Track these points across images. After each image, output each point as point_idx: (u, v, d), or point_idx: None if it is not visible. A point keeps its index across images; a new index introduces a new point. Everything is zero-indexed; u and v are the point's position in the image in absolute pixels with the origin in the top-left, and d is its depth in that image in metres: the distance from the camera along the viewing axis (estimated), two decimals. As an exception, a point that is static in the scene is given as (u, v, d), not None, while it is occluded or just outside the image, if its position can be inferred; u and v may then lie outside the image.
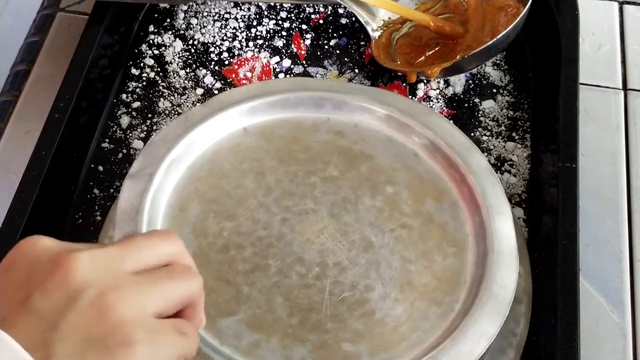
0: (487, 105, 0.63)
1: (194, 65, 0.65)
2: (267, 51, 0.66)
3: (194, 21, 0.68)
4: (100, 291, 0.33)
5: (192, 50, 0.66)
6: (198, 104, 0.59)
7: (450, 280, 0.48)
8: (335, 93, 0.55)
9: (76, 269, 0.33)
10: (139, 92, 0.64)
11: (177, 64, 0.65)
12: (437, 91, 0.63)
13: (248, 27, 0.67)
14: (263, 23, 0.67)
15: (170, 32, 0.67)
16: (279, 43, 0.66)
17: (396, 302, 0.47)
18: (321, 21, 0.68)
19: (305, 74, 0.64)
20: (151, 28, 0.67)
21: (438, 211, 0.51)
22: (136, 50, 0.66)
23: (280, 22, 0.67)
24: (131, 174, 0.51)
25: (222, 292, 0.48)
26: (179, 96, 0.63)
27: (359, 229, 0.50)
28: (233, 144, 0.54)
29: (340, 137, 0.55)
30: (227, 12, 0.68)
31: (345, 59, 0.66)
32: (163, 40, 0.67)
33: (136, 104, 0.63)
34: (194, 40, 0.67)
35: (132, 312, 0.33)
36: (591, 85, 0.65)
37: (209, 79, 0.64)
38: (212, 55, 0.66)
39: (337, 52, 0.66)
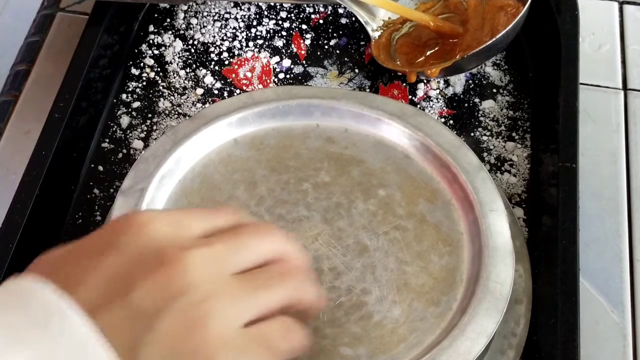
0: (487, 105, 0.63)
1: (194, 65, 0.65)
2: (267, 51, 0.66)
3: (194, 21, 0.68)
4: (200, 299, 0.33)
5: (192, 50, 0.66)
6: (185, 119, 0.59)
7: (446, 280, 0.48)
8: (324, 99, 0.55)
9: (184, 271, 0.33)
10: (139, 92, 0.64)
11: (177, 64, 0.65)
12: (437, 91, 0.63)
13: (248, 27, 0.67)
14: (263, 23, 0.67)
15: (170, 32, 0.67)
16: (279, 43, 0.66)
17: (393, 304, 0.47)
18: (321, 21, 0.68)
19: (305, 74, 0.64)
20: (151, 28, 0.67)
21: (431, 211, 0.51)
22: (136, 50, 0.66)
23: (280, 22, 0.68)
24: (122, 191, 0.51)
25: None
26: (179, 96, 0.63)
27: (353, 234, 0.50)
28: (223, 155, 0.54)
29: (330, 143, 0.55)
30: (227, 12, 0.68)
31: (345, 59, 0.66)
32: (163, 40, 0.67)
33: (136, 104, 0.63)
34: (194, 40, 0.67)
35: (222, 328, 0.33)
36: (591, 85, 0.65)
37: (209, 79, 0.64)
38: (212, 55, 0.66)
39: (337, 52, 0.66)
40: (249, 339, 0.34)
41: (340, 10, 0.68)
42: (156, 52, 0.66)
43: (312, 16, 0.68)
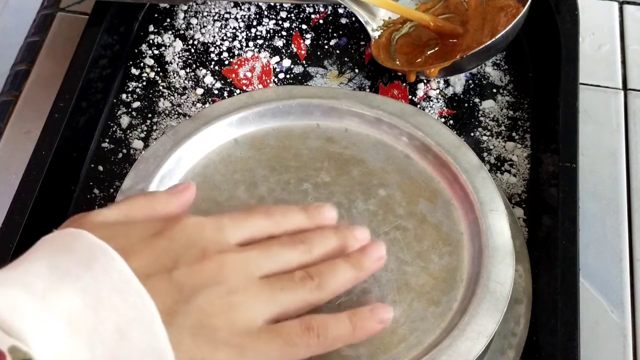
0: (487, 105, 0.63)
1: (194, 65, 0.65)
2: (267, 51, 0.66)
3: (194, 21, 0.68)
4: (231, 290, 0.39)
5: (192, 50, 0.66)
6: (185, 119, 0.59)
7: (447, 280, 0.48)
8: (324, 99, 0.55)
9: (220, 267, 0.39)
10: (139, 92, 0.64)
11: (177, 64, 0.65)
12: (437, 91, 0.63)
13: (248, 27, 0.67)
14: (263, 23, 0.67)
15: (170, 32, 0.67)
16: (279, 43, 0.66)
17: (394, 304, 0.47)
18: (321, 21, 0.68)
19: (305, 73, 0.65)
20: (151, 28, 0.67)
21: (432, 211, 0.51)
22: (136, 50, 0.66)
23: (280, 22, 0.68)
24: (122, 191, 0.51)
25: None
26: (179, 96, 0.63)
27: None
28: (224, 155, 0.54)
29: (330, 143, 0.55)
30: (227, 12, 0.68)
31: (345, 59, 0.66)
32: (163, 40, 0.67)
33: (136, 104, 0.63)
34: (194, 40, 0.67)
35: (245, 317, 0.39)
36: (591, 85, 0.65)
37: (209, 79, 0.64)
38: (212, 55, 0.66)
39: (337, 52, 0.66)
40: (267, 330, 0.39)
41: (340, 10, 0.68)
42: (156, 52, 0.66)
43: (312, 16, 0.68)
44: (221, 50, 0.66)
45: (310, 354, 0.40)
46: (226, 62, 0.65)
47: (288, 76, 0.65)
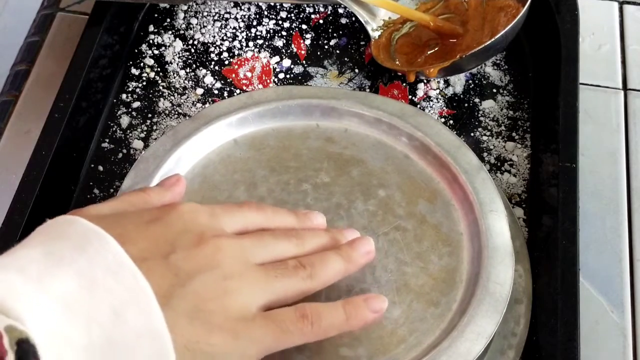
0: (487, 105, 0.63)
1: (194, 65, 0.65)
2: (267, 51, 0.66)
3: (194, 21, 0.68)
4: (226, 275, 0.39)
5: (192, 50, 0.66)
6: (185, 119, 0.59)
7: (446, 280, 0.48)
8: (324, 99, 0.55)
9: (216, 251, 0.40)
10: (139, 92, 0.64)
11: (177, 64, 0.65)
12: (437, 91, 0.63)
13: (248, 27, 0.67)
14: (263, 23, 0.67)
15: (170, 32, 0.67)
16: (279, 43, 0.66)
17: (393, 304, 0.47)
18: (321, 21, 0.68)
19: (305, 73, 0.64)
20: (151, 28, 0.67)
21: (431, 212, 0.51)
22: (136, 50, 0.66)
23: (280, 22, 0.68)
24: (123, 190, 0.51)
25: None
26: (179, 96, 0.64)
27: None
28: (223, 156, 0.54)
29: (330, 143, 0.55)
30: (227, 12, 0.68)
31: (345, 59, 0.66)
32: (163, 40, 0.67)
33: (136, 104, 0.63)
34: (194, 40, 0.67)
35: (240, 302, 0.39)
36: (591, 85, 0.65)
37: (209, 79, 0.64)
38: (212, 55, 0.66)
39: (337, 52, 0.66)
40: (262, 317, 0.40)
41: (340, 10, 0.68)
42: (156, 52, 0.66)
43: (312, 16, 0.68)
44: (221, 50, 0.66)
45: (304, 341, 0.41)
46: (226, 62, 0.65)
47: (288, 76, 0.65)
